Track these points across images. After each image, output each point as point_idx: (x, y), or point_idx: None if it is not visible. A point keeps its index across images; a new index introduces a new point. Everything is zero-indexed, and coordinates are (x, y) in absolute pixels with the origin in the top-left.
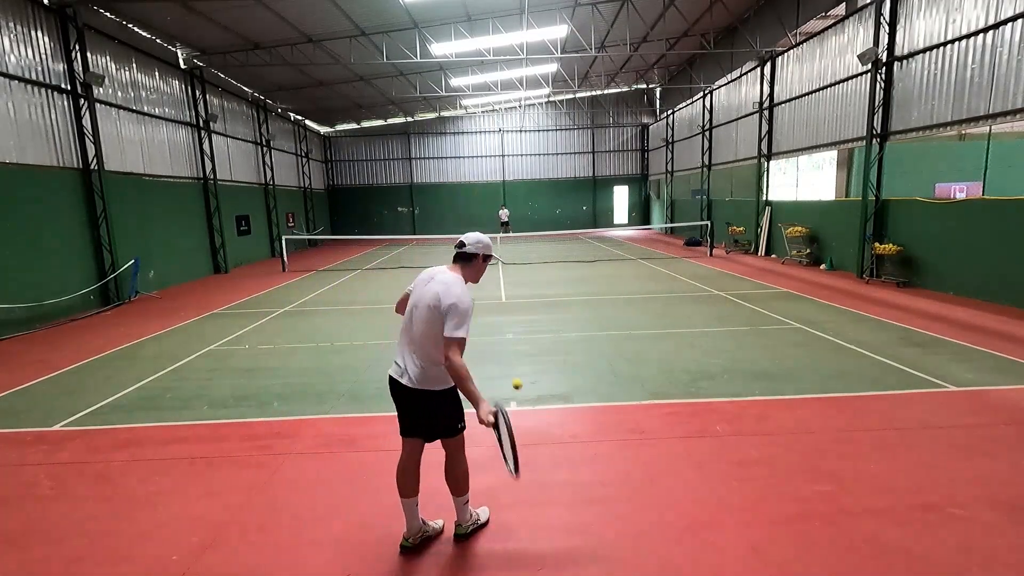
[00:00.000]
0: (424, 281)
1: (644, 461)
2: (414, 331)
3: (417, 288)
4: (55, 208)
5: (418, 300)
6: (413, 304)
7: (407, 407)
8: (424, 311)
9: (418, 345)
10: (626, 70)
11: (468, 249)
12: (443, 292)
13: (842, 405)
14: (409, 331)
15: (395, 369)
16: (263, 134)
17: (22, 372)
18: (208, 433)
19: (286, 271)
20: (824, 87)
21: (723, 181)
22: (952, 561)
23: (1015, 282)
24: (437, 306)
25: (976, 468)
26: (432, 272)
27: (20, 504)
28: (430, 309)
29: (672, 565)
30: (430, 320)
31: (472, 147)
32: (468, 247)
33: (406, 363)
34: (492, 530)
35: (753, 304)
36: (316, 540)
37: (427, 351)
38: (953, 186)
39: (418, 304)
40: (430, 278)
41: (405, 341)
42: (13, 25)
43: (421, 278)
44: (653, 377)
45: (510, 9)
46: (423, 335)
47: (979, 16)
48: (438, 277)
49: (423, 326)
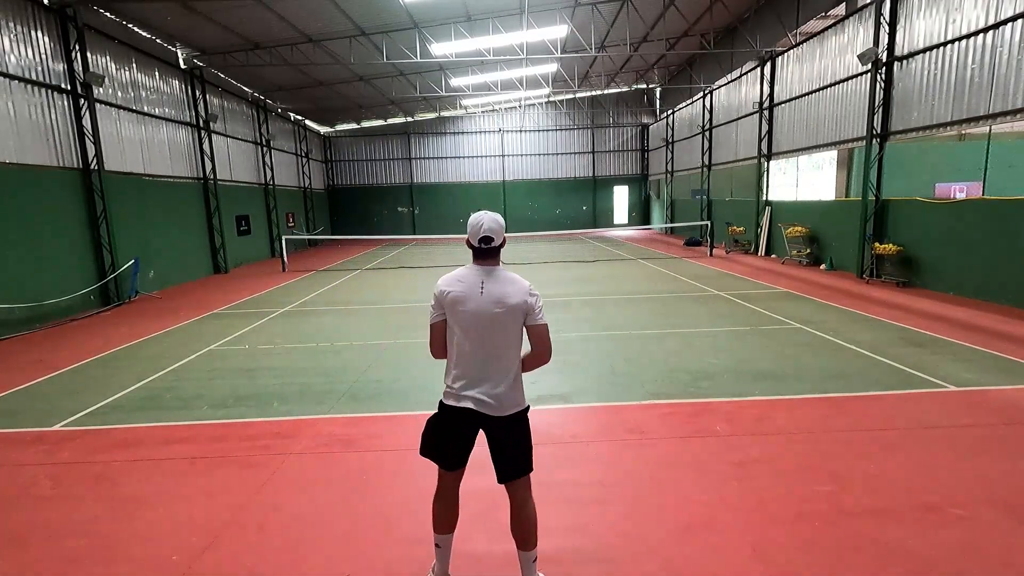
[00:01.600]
0: (476, 291)
1: (644, 461)
2: (490, 345)
3: (470, 303)
4: (55, 208)
5: (494, 308)
6: (482, 318)
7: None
8: (513, 313)
9: (499, 358)
10: (626, 70)
11: (497, 242)
12: (512, 288)
13: (842, 405)
14: (481, 350)
15: (472, 400)
16: (263, 134)
17: (22, 372)
18: (208, 433)
19: (286, 271)
20: (824, 87)
21: (723, 181)
22: (952, 561)
23: (1015, 282)
24: (518, 305)
25: (976, 468)
26: (471, 278)
27: (20, 504)
28: (519, 308)
29: (672, 565)
30: (507, 324)
31: (472, 147)
32: (496, 240)
33: (493, 386)
34: (492, 530)
35: (753, 304)
36: (316, 540)
37: (510, 360)
38: (953, 186)
39: (497, 312)
40: (480, 284)
41: (477, 363)
42: (13, 25)
43: (464, 292)
44: (653, 377)
45: (510, 9)
46: (504, 344)
47: (979, 16)
48: (496, 278)
49: (500, 335)
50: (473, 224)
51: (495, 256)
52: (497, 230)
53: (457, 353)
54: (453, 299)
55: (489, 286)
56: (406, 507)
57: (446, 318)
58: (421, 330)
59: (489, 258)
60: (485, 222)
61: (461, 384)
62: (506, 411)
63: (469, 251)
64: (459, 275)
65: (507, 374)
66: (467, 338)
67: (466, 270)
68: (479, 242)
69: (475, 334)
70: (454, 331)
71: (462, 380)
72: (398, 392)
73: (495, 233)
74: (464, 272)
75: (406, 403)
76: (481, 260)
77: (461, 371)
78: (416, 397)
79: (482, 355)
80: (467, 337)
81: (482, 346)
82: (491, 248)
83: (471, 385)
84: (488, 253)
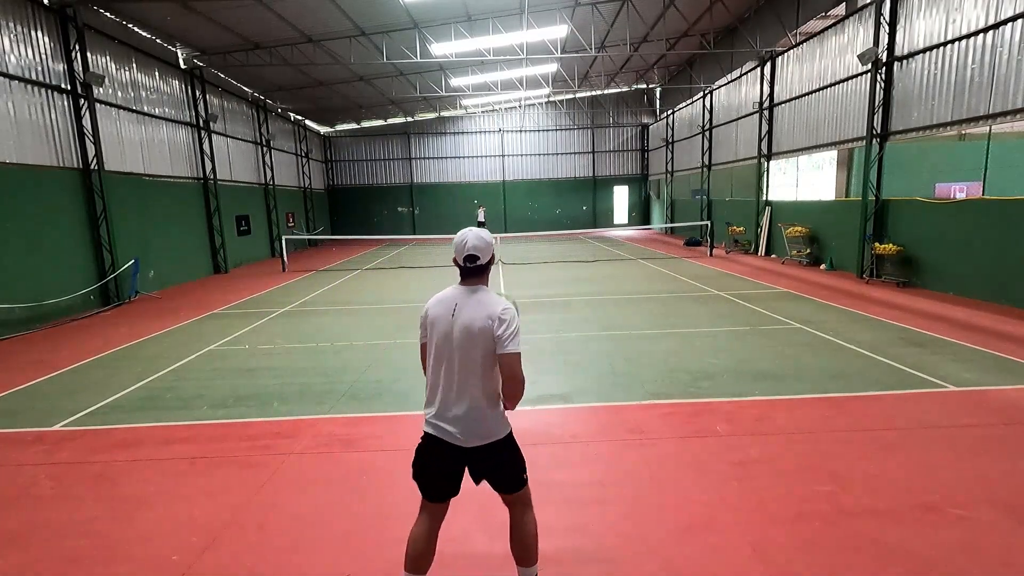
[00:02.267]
0: (448, 314)
1: (644, 461)
2: (466, 370)
3: (441, 325)
4: (55, 208)
5: (460, 333)
6: (450, 343)
7: (456, 471)
8: (475, 339)
9: (475, 384)
10: (626, 70)
11: (483, 260)
12: (491, 310)
13: (842, 405)
14: (454, 374)
15: (440, 429)
16: (263, 134)
17: (22, 372)
18: (208, 433)
19: (286, 271)
20: (824, 87)
21: (723, 181)
22: (952, 561)
23: (1015, 282)
24: (489, 328)
25: (976, 468)
26: (449, 299)
27: (20, 504)
28: (482, 333)
29: (672, 565)
30: (484, 347)
31: (472, 147)
32: (483, 258)
33: (458, 417)
34: (492, 530)
35: (753, 304)
36: (316, 540)
37: (487, 385)
38: (953, 186)
39: (462, 337)
40: (454, 306)
41: (452, 388)
42: (13, 25)
43: (440, 314)
44: (653, 377)
45: (510, 9)
46: (481, 367)
47: (979, 16)
48: (470, 300)
49: (477, 359)
50: (457, 243)
51: (481, 275)
52: (483, 248)
53: (431, 377)
54: (431, 320)
55: (462, 309)
56: (406, 507)
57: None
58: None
59: (474, 277)
60: (470, 239)
61: (430, 412)
62: (483, 442)
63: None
64: (443, 295)
65: (484, 399)
66: (438, 363)
67: (451, 290)
68: (464, 260)
69: (446, 361)
70: (429, 354)
71: (431, 407)
72: (398, 392)
73: (480, 251)
74: (448, 292)
75: (406, 403)
76: (466, 280)
77: (430, 397)
78: (416, 397)
79: (454, 380)
80: (438, 362)
81: (452, 372)
82: (476, 267)
83: (436, 414)
84: (473, 272)
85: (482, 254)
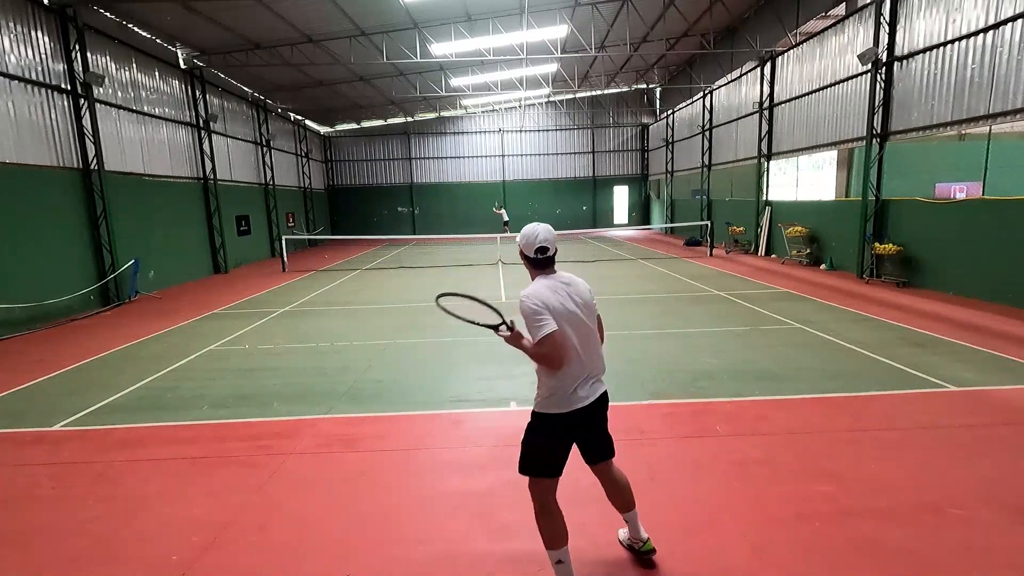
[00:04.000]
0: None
1: (644, 461)
2: (593, 339)
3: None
4: (55, 208)
5: (579, 311)
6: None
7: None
8: (593, 312)
9: (598, 345)
10: (626, 70)
11: (552, 251)
12: (586, 284)
13: (842, 405)
14: (589, 343)
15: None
16: (263, 134)
17: (22, 372)
18: (208, 433)
19: (286, 271)
20: (824, 87)
21: (723, 181)
22: (952, 561)
23: (1015, 282)
24: (593, 300)
25: (976, 468)
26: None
27: (20, 504)
28: (594, 305)
29: (672, 565)
30: (595, 315)
31: (472, 147)
32: (551, 249)
33: (599, 372)
34: (492, 530)
35: (753, 304)
36: (316, 540)
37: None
38: (953, 186)
39: (581, 313)
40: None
41: (589, 355)
42: (13, 25)
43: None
44: (653, 377)
45: (510, 9)
46: (596, 331)
47: (979, 16)
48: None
49: (593, 326)
50: (528, 235)
51: (552, 264)
52: (551, 240)
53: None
54: (555, 310)
55: (570, 292)
56: (406, 507)
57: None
58: (421, 330)
59: (549, 266)
60: (541, 233)
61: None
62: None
63: (469, 250)
64: (547, 286)
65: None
66: (573, 337)
67: (546, 281)
68: (536, 252)
69: (582, 336)
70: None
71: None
72: (398, 392)
73: (550, 243)
74: (548, 283)
75: (406, 403)
76: (544, 269)
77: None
78: (416, 397)
79: (590, 347)
80: (573, 336)
81: (587, 343)
82: (548, 257)
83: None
84: (548, 262)
85: (551, 245)
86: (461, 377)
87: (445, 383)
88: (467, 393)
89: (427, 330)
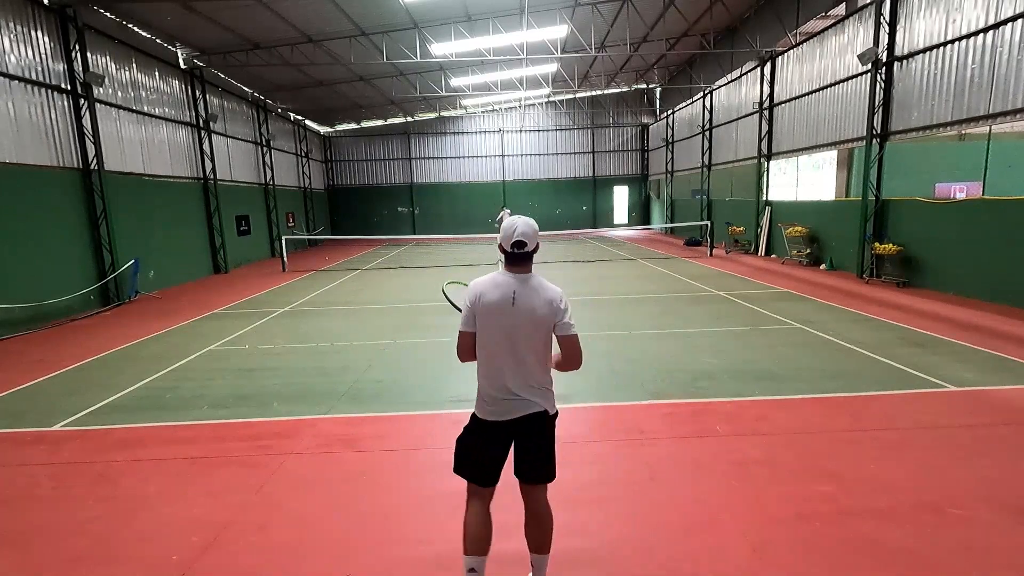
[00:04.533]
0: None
1: (644, 461)
2: (531, 352)
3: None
4: (55, 208)
5: (518, 320)
6: (515, 328)
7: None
8: (540, 324)
9: (533, 363)
10: (626, 70)
11: (530, 247)
12: (550, 296)
13: (842, 405)
14: (516, 356)
15: (506, 406)
16: (263, 134)
17: (22, 372)
18: (208, 433)
19: (286, 271)
20: (824, 87)
21: (723, 181)
22: (952, 561)
23: (1015, 282)
24: (551, 315)
25: (976, 468)
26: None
27: (20, 504)
28: (546, 319)
29: (672, 565)
30: (541, 332)
31: (472, 147)
32: (530, 245)
33: (525, 391)
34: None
35: (753, 304)
36: (316, 540)
37: (543, 365)
38: (953, 186)
39: (521, 323)
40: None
41: (512, 367)
42: (13, 25)
43: (497, 300)
44: (653, 377)
45: (510, 9)
46: (540, 349)
47: (979, 16)
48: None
49: (540, 341)
50: (507, 228)
51: (528, 262)
52: (531, 234)
53: (489, 360)
54: (485, 305)
55: (521, 296)
56: (406, 507)
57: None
58: (421, 330)
59: (522, 264)
60: (519, 226)
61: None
62: (550, 411)
63: (469, 250)
64: (494, 280)
65: (543, 375)
66: (499, 347)
67: (501, 276)
68: (512, 246)
69: (506, 343)
70: (485, 339)
71: (494, 389)
72: (398, 392)
73: (528, 238)
74: (500, 278)
75: (406, 403)
76: (515, 266)
77: (492, 380)
78: (416, 397)
79: (514, 358)
80: (498, 346)
81: (515, 351)
82: (524, 253)
83: (499, 392)
84: (521, 258)
85: (530, 240)
86: (461, 377)
87: (445, 383)
88: (467, 393)
89: (427, 330)
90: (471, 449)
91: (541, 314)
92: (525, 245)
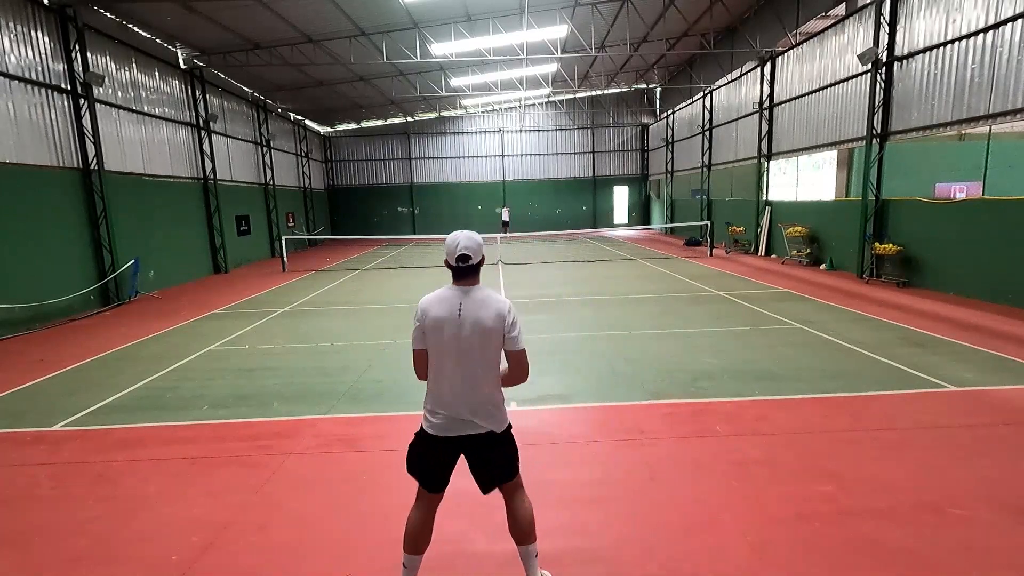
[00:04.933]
0: (453, 314)
1: (644, 461)
2: (478, 366)
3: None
4: (55, 208)
5: (471, 332)
6: (460, 341)
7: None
8: (488, 336)
9: (481, 378)
10: (626, 70)
11: (475, 260)
12: (498, 308)
13: (842, 405)
14: (467, 370)
15: (450, 423)
16: (263, 134)
17: (22, 372)
18: (208, 433)
19: (286, 271)
20: (824, 87)
21: (723, 181)
22: (952, 561)
23: (1015, 282)
24: (500, 326)
25: (976, 468)
26: (450, 299)
27: (20, 504)
28: (494, 331)
29: (672, 565)
30: (490, 345)
31: (472, 147)
32: (474, 258)
33: (469, 409)
34: (492, 530)
35: (753, 304)
36: (316, 540)
37: (491, 380)
38: (953, 186)
39: (467, 336)
40: (458, 306)
41: (458, 383)
42: (13, 25)
43: (443, 315)
44: (653, 377)
45: (510, 9)
46: (488, 363)
47: (979, 16)
48: (473, 299)
49: (489, 354)
50: (449, 243)
51: (474, 275)
52: (474, 248)
53: (438, 376)
54: (433, 321)
55: (467, 308)
56: (407, 507)
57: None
58: None
59: (468, 277)
60: (461, 240)
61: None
62: (497, 430)
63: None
64: (439, 296)
65: (491, 391)
66: (446, 361)
67: (446, 291)
68: (456, 260)
69: (453, 358)
70: (433, 354)
71: (441, 405)
72: (398, 392)
73: (472, 251)
74: (445, 293)
75: (406, 403)
76: (461, 280)
77: (439, 395)
78: (416, 397)
79: (461, 374)
80: (446, 360)
81: (460, 368)
82: (469, 267)
83: (443, 408)
84: (466, 272)
85: (473, 254)
86: None
87: None
88: None
89: None
90: (419, 456)
91: (489, 327)
92: (469, 258)
